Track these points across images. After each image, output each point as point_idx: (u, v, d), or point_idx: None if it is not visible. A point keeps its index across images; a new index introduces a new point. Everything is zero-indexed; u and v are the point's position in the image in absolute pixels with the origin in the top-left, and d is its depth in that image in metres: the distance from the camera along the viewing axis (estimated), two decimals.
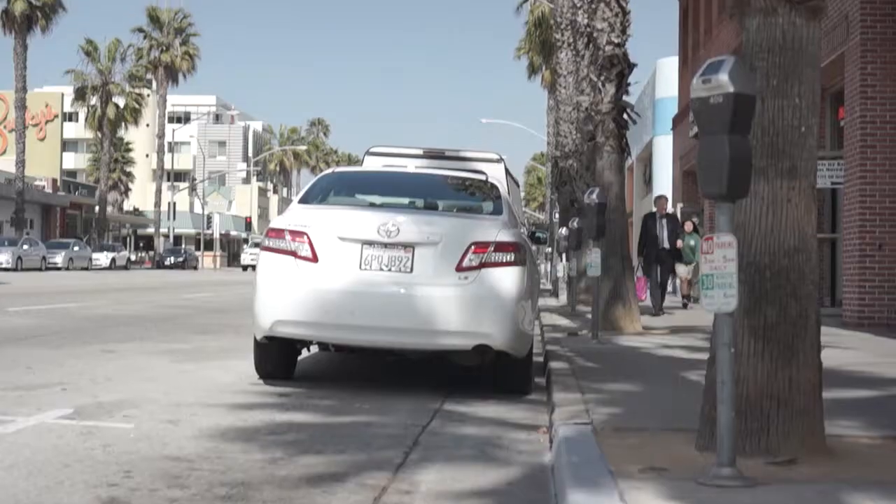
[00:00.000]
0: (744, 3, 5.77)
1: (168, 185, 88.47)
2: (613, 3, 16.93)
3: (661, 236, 21.39)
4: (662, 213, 21.78)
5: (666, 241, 21.42)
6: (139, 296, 26.33)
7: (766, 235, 5.53)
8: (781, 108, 5.59)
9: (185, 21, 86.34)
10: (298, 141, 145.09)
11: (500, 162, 13.77)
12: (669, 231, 21.50)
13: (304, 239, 8.79)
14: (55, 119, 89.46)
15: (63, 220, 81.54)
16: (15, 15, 67.49)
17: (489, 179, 10.60)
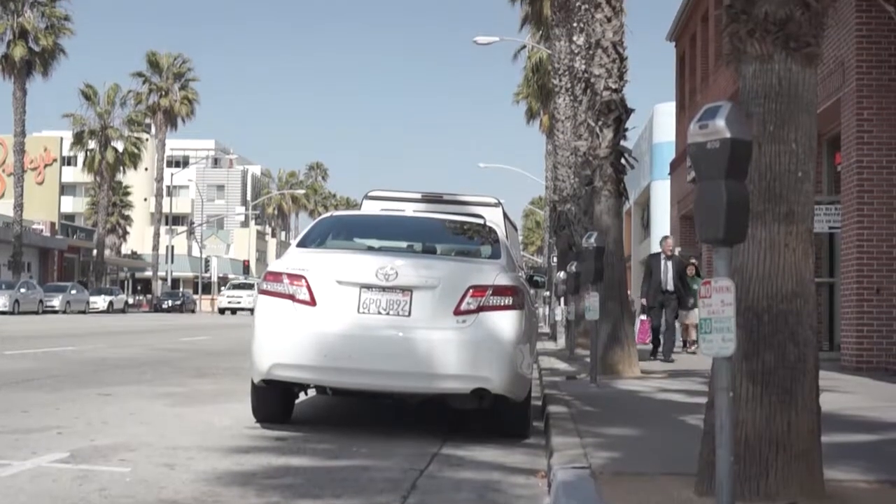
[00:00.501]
0: (740, 50, 5.82)
1: (166, 228, 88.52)
2: (611, 49, 17.02)
3: (665, 278, 20.68)
4: (668, 253, 20.94)
5: (671, 282, 20.71)
6: (136, 339, 26.28)
7: (763, 280, 5.54)
8: (778, 154, 5.62)
9: (185, 66, 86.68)
10: (297, 185, 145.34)
11: (498, 206, 13.80)
12: (675, 273, 20.80)
13: (302, 282, 8.80)
14: (54, 163, 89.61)
15: (61, 263, 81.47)
16: (14, 60, 67.74)
17: (487, 223, 10.62)
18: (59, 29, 70.20)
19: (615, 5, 17.28)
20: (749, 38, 5.78)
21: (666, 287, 20.64)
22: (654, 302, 20.75)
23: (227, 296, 77.80)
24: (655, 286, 20.67)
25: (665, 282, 20.62)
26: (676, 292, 20.71)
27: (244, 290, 76.21)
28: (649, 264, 21.32)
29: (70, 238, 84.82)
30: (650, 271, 20.99)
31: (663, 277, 20.62)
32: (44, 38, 68.86)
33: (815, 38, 5.80)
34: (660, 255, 21.07)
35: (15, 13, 69.01)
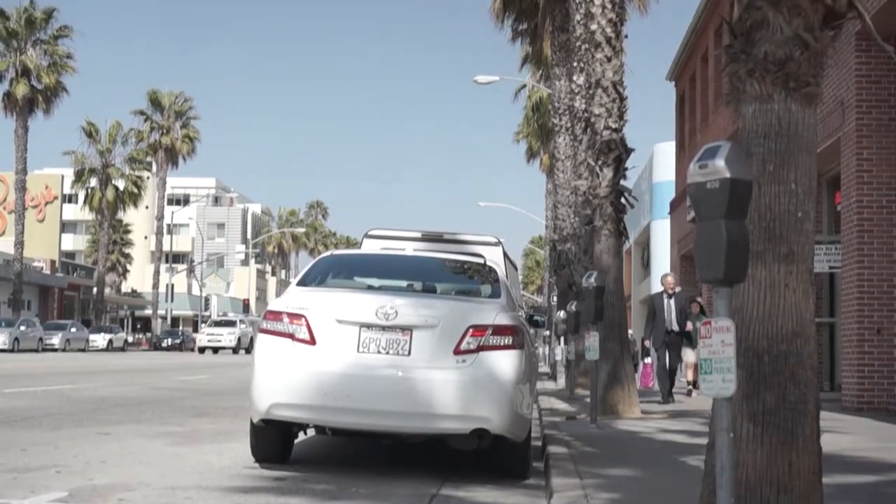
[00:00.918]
0: (739, 90, 5.83)
1: (166, 266, 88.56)
2: (611, 89, 17.09)
3: (668, 318, 20.01)
4: (669, 292, 20.21)
5: (674, 322, 20.03)
6: (135, 378, 26.21)
7: (764, 320, 5.53)
8: (778, 194, 5.62)
9: (186, 104, 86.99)
10: (297, 223, 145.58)
11: (498, 245, 13.81)
12: (678, 312, 20.11)
13: (301, 321, 8.78)
14: (55, 201, 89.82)
15: (61, 301, 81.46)
16: (17, 98, 68.01)
17: (487, 262, 10.62)
18: (61, 67, 70.53)
19: (615, 45, 17.36)
20: (748, 77, 5.79)
21: (670, 327, 20.01)
22: (659, 343, 20.06)
23: (206, 334, 72.35)
24: (659, 326, 20.00)
25: (669, 321, 20.01)
26: (681, 332, 20.07)
27: (225, 328, 72.33)
28: (652, 304, 20.64)
29: (70, 276, 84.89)
30: (653, 311, 20.32)
31: (667, 317, 20.01)
32: (46, 76, 69.16)
33: (815, 78, 5.81)
34: (662, 293, 20.37)
35: (18, 51, 69.37)
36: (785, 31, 5.74)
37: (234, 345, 69.79)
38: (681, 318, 20.06)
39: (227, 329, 71.60)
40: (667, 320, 19.99)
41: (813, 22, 5.79)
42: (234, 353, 67.29)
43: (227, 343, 69.70)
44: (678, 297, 20.31)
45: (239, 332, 71.10)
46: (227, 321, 75.87)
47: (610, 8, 17.50)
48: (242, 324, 73.75)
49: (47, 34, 70.86)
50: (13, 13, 69.82)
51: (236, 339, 70.13)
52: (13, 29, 69.33)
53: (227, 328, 71.87)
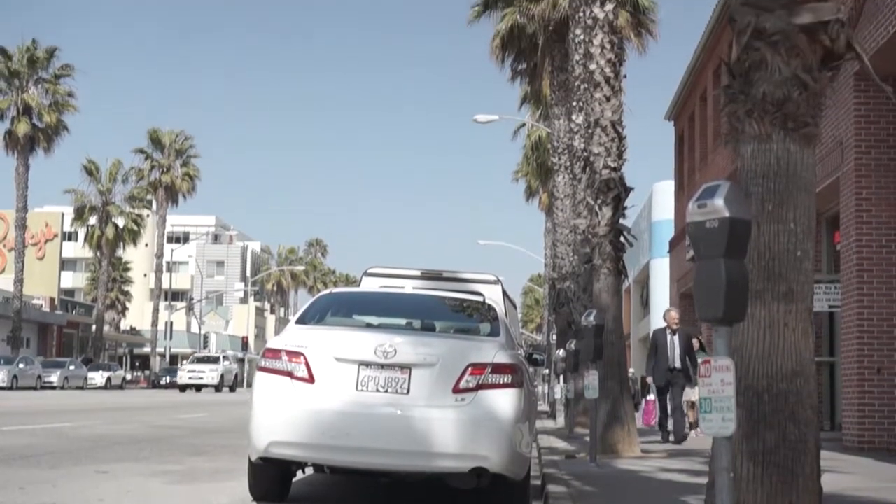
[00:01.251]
0: (738, 130, 5.86)
1: (165, 304, 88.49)
2: (610, 128, 17.15)
3: (672, 355, 19.42)
4: (672, 327, 19.58)
5: (678, 359, 19.40)
6: (134, 415, 26.14)
7: (763, 359, 5.53)
8: (777, 233, 5.64)
9: (187, 143, 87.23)
10: (296, 261, 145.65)
11: (497, 283, 13.80)
12: (682, 348, 19.49)
13: (300, 359, 8.76)
14: (55, 238, 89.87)
15: (60, 338, 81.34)
16: (18, 136, 68.19)
17: (486, 301, 10.61)
18: (62, 105, 70.76)
19: (614, 85, 17.44)
20: (747, 118, 5.82)
21: (673, 364, 19.47)
22: (661, 380, 19.59)
23: (187, 371, 67.85)
24: (662, 363, 19.49)
25: (672, 358, 19.48)
26: (684, 369, 19.48)
27: (207, 365, 68.20)
28: (654, 340, 20.01)
29: (69, 313, 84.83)
30: (655, 347, 19.77)
31: (670, 354, 19.49)
32: (47, 115, 69.38)
33: (814, 118, 5.84)
34: (665, 329, 19.81)
35: (20, 89, 69.62)
36: (783, 72, 5.77)
37: (216, 382, 66.68)
38: (684, 355, 19.53)
39: (209, 366, 68.14)
40: (670, 357, 19.48)
41: (811, 63, 5.82)
42: (216, 392, 64.61)
43: (210, 381, 66.43)
44: (682, 334, 19.77)
45: (222, 368, 68.31)
46: (209, 357, 72.14)
47: (609, 48, 17.59)
48: (226, 360, 71.12)
49: (49, 73, 71.15)
50: (16, 52, 70.13)
51: (219, 376, 67.25)
52: (15, 68, 69.60)
53: (210, 365, 68.36)
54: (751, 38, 5.95)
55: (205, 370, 67.07)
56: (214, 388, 66.18)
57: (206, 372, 66.87)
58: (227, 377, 68.35)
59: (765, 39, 5.89)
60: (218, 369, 67.56)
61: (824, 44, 5.86)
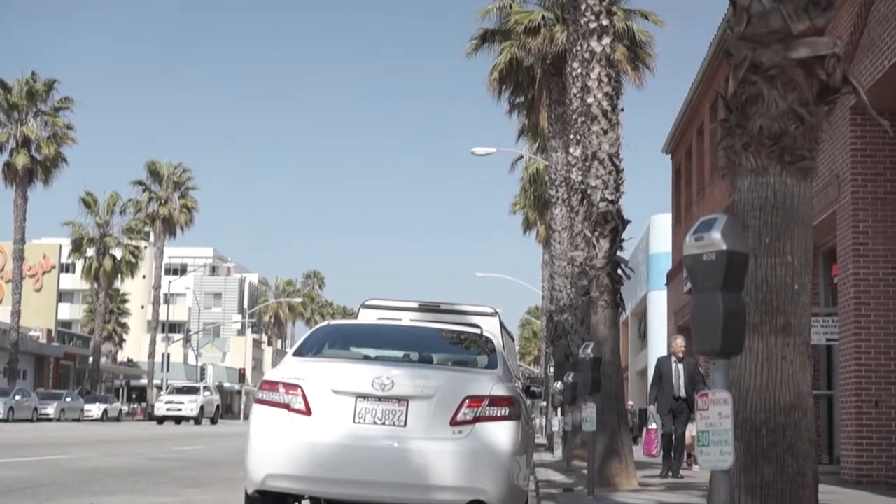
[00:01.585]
0: (735, 163, 5.88)
1: (163, 336, 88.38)
2: (607, 161, 17.20)
3: (676, 383, 18.91)
4: (678, 355, 19.08)
5: (682, 388, 18.93)
6: (130, 448, 26.05)
7: (761, 392, 5.53)
8: (774, 266, 5.65)
9: (185, 175, 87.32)
10: (294, 293, 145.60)
11: (494, 315, 13.80)
12: (686, 377, 18.96)
13: (297, 392, 8.75)
14: (52, 270, 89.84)
15: (56, 370, 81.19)
16: (17, 168, 68.26)
17: (484, 333, 10.60)
18: (61, 138, 70.89)
19: (611, 118, 17.50)
20: (744, 151, 5.85)
21: (678, 393, 18.98)
22: (665, 410, 19.14)
23: (165, 402, 64.27)
24: (667, 392, 19.03)
25: (677, 387, 18.99)
26: (689, 398, 18.79)
27: (186, 396, 64.76)
28: (659, 368, 19.49)
29: (66, 345, 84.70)
30: (659, 375, 19.31)
31: (675, 382, 19.00)
32: (46, 147, 69.49)
33: (810, 152, 5.87)
34: (670, 357, 19.35)
35: (19, 122, 69.75)
36: (780, 106, 5.80)
37: (195, 414, 63.20)
38: (689, 385, 18.99)
39: (188, 397, 64.52)
40: (674, 386, 19.00)
41: (808, 97, 5.85)
42: (196, 424, 61.44)
43: (189, 412, 62.79)
44: (687, 362, 19.25)
45: (202, 400, 64.96)
46: (188, 388, 68.80)
47: (606, 81, 17.66)
48: (207, 391, 67.93)
49: (48, 105, 71.31)
50: (15, 85, 70.32)
51: (198, 407, 63.80)
52: (14, 101, 69.78)
53: (189, 396, 64.79)
54: (747, 72, 5.98)
55: (183, 401, 63.79)
56: (194, 420, 63.12)
57: (184, 403, 63.58)
58: (207, 408, 65.60)
59: (761, 73, 5.93)
60: (197, 400, 64.41)
61: (821, 78, 5.90)
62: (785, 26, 5.98)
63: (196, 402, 63.85)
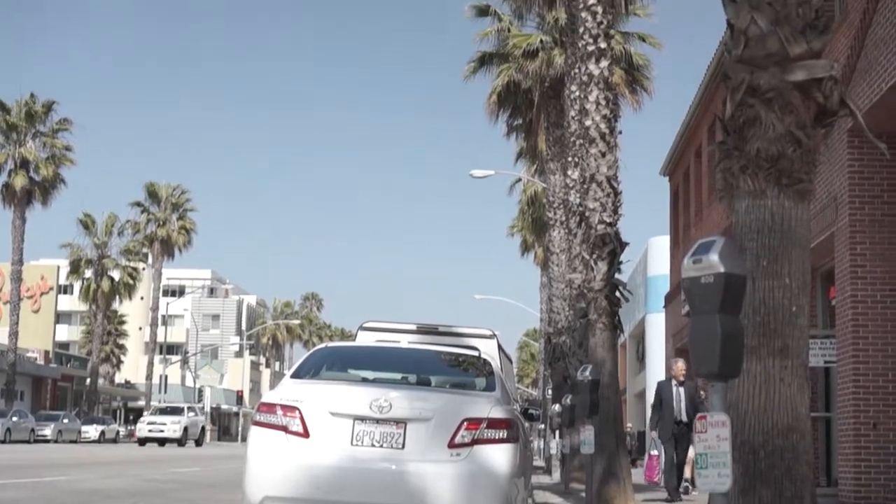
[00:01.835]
0: (733, 186, 5.90)
1: (160, 357, 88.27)
2: (605, 183, 17.23)
3: (677, 407, 18.54)
4: (679, 379, 18.76)
5: (684, 412, 18.56)
6: (127, 469, 25.99)
7: (759, 414, 5.53)
8: (772, 289, 5.66)
9: (183, 196, 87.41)
10: (292, 315, 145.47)
11: (493, 338, 13.80)
12: (688, 400, 18.60)
13: (295, 414, 8.75)
14: (50, 291, 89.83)
15: (54, 391, 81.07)
16: (15, 189, 68.30)
17: (482, 355, 10.60)
18: (60, 159, 70.95)
19: (609, 141, 17.55)
20: (742, 174, 5.87)
21: (680, 417, 18.64)
22: (667, 435, 18.81)
23: (146, 423, 61.82)
24: (668, 416, 18.72)
25: (678, 411, 18.67)
26: (691, 423, 17.84)
27: (169, 417, 62.17)
28: (660, 391, 19.17)
29: (64, 367, 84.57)
30: (660, 399, 19.00)
31: (676, 406, 18.69)
32: (44, 168, 69.55)
33: (808, 175, 5.89)
34: (670, 381, 19.09)
35: (17, 143, 69.83)
36: (777, 129, 5.82)
37: (179, 436, 60.81)
38: (690, 408, 18.58)
39: (171, 418, 61.85)
40: (675, 410, 18.69)
41: (805, 120, 5.88)
42: (179, 447, 59.05)
43: (171, 434, 60.34)
44: (689, 386, 18.90)
45: (186, 421, 62.38)
46: (172, 408, 66.15)
47: (604, 104, 17.72)
48: (191, 412, 65.54)
49: (47, 127, 71.40)
50: (14, 106, 70.43)
51: (182, 429, 61.31)
52: (13, 122, 69.88)
53: (172, 417, 62.16)
54: (745, 94, 6.01)
55: (166, 422, 61.21)
56: (177, 442, 60.79)
57: (167, 424, 60.98)
58: (191, 430, 63.07)
59: (759, 96, 5.95)
60: (181, 421, 61.90)
61: (818, 101, 5.92)
62: (782, 49, 6.00)
63: (179, 423, 61.72)
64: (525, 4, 30.50)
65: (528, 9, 31.12)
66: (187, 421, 62.60)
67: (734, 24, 6.29)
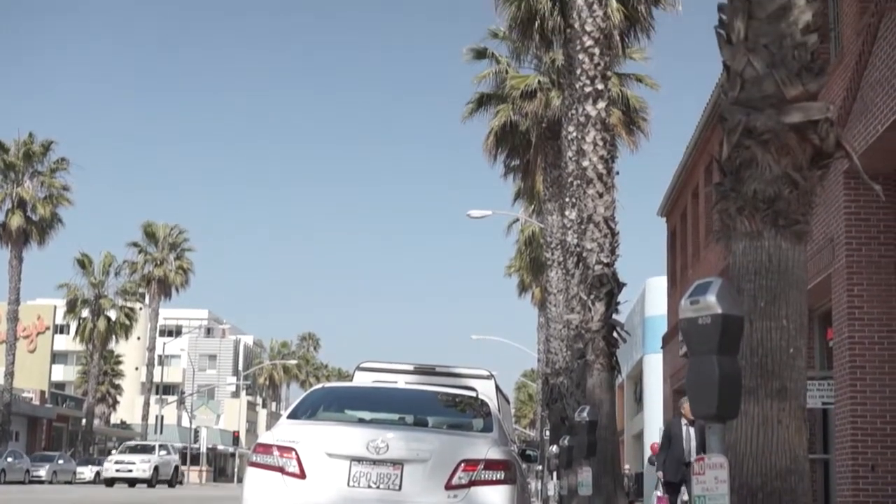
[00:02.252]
0: (730, 227, 5.91)
1: (157, 398, 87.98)
2: (602, 224, 17.26)
3: (687, 447, 17.83)
4: (689, 418, 17.82)
5: (693, 453, 17.79)
6: None
7: (757, 456, 5.51)
8: (769, 330, 5.66)
9: (181, 236, 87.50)
10: (289, 355, 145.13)
11: (490, 378, 13.78)
12: (698, 441, 17.67)
13: (292, 455, 8.72)
14: (46, 331, 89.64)
15: (49, 432, 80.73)
16: (11, 229, 68.29)
17: (479, 396, 10.59)
18: (57, 199, 71.00)
19: (606, 182, 17.60)
20: (739, 215, 5.88)
21: (689, 458, 17.74)
22: (675, 476, 18.18)
23: (114, 462, 58.30)
24: (677, 457, 18.06)
25: (688, 451, 17.95)
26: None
27: (139, 455, 58.83)
28: (668, 431, 18.63)
29: (59, 407, 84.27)
30: (669, 439, 18.38)
31: (686, 446, 18.01)
32: (42, 208, 69.57)
33: (804, 216, 5.90)
34: (680, 419, 18.41)
35: (15, 183, 69.90)
36: (774, 170, 5.84)
37: (148, 476, 57.47)
38: (701, 449, 17.47)
39: (140, 457, 58.50)
40: (685, 450, 18.01)
41: (801, 161, 5.90)
42: (149, 487, 56.57)
43: (141, 474, 56.98)
44: (699, 425, 17.83)
45: (157, 460, 59.17)
46: (142, 446, 62.61)
47: (601, 145, 17.78)
48: (163, 450, 61.95)
49: (45, 166, 71.50)
50: (12, 146, 70.57)
51: (152, 468, 57.99)
52: (11, 161, 70.00)
53: (141, 455, 58.79)
54: (741, 136, 6.03)
55: (135, 461, 57.81)
56: (146, 482, 57.76)
57: (136, 463, 57.61)
58: (162, 470, 59.61)
59: (755, 138, 5.97)
60: (151, 461, 58.65)
61: (814, 142, 5.94)
62: (778, 91, 6.03)
63: (149, 462, 58.49)
64: (523, 46, 30.65)
65: (526, 50, 31.28)
66: (158, 460, 59.72)
67: (731, 66, 6.33)
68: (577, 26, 18.51)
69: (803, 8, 6.13)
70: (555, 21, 26.89)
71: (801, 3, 6.12)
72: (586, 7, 18.29)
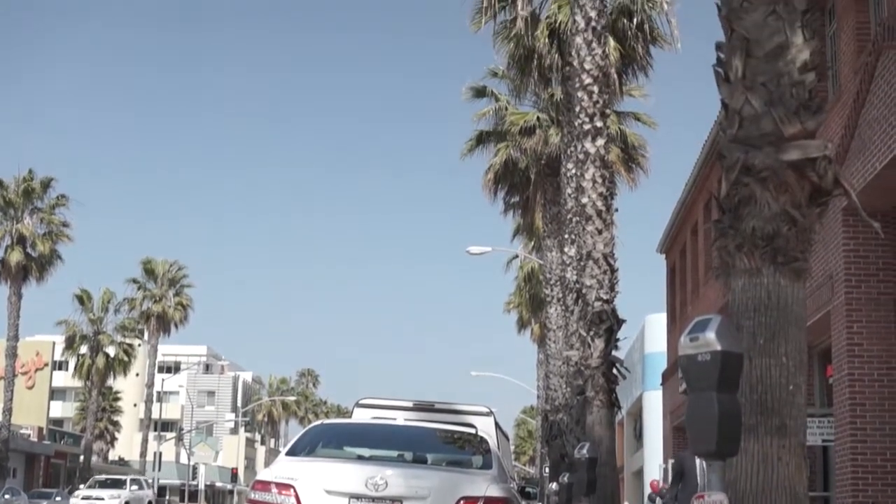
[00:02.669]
0: (729, 264, 5.93)
1: (155, 434, 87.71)
2: (602, 260, 17.28)
3: (701, 482, 16.63)
4: None
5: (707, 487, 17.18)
6: None
7: (757, 494, 5.50)
8: (769, 367, 5.66)
9: (180, 273, 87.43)
10: (288, 391, 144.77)
11: (489, 415, 13.77)
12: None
13: (290, 492, 8.69)
14: (45, 368, 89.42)
15: (47, 469, 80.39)
16: (10, 265, 68.27)
17: (479, 433, 10.57)
18: (57, 235, 70.98)
19: (606, 218, 17.63)
20: (737, 252, 5.89)
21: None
22: None
23: (81, 497, 56.00)
24: (690, 491, 16.63)
25: (702, 486, 16.51)
26: None
27: (107, 490, 56.26)
28: (680, 464, 17.61)
29: (57, 443, 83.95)
30: (680, 472, 17.45)
31: (700, 481, 16.76)
32: (41, 244, 69.54)
33: (803, 253, 5.91)
34: (692, 453, 17.15)
35: (14, 219, 69.94)
36: (772, 207, 5.86)
37: None
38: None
39: (109, 492, 55.75)
40: (700, 484, 16.71)
41: (800, 199, 5.92)
42: None
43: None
44: None
45: (127, 495, 56.44)
46: (112, 481, 59.98)
47: (600, 182, 17.83)
48: (135, 485, 59.26)
49: (44, 203, 71.54)
50: (11, 183, 70.65)
51: (121, 502, 55.56)
52: (10, 198, 70.05)
53: (110, 491, 56.09)
54: (740, 174, 6.05)
55: (103, 497, 55.04)
56: None
57: (104, 500, 54.81)
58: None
59: (753, 175, 5.99)
60: (120, 496, 55.84)
61: (812, 180, 5.96)
62: (776, 129, 6.06)
63: (119, 498, 55.63)
64: (521, 83, 30.76)
65: (525, 87, 31.39)
66: (129, 495, 56.91)
67: (729, 104, 6.36)
68: (576, 64, 18.59)
69: (801, 47, 6.17)
70: (552, 58, 27.00)
71: (799, 42, 6.17)
72: (585, 45, 18.39)
